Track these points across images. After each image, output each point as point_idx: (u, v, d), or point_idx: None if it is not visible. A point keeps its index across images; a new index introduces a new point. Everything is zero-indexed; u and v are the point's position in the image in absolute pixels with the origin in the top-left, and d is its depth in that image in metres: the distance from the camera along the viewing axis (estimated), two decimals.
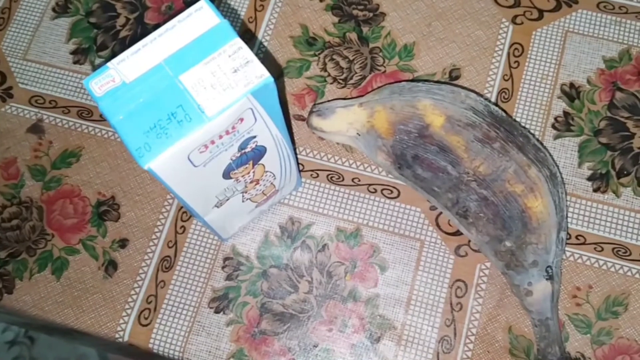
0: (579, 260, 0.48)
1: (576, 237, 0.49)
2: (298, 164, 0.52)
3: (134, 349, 0.49)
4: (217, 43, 0.33)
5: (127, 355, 0.68)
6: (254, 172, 0.42)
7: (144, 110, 0.32)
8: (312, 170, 0.52)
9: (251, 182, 0.43)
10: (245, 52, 0.33)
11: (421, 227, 0.50)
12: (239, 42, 0.33)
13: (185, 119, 0.31)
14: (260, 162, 0.41)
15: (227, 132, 0.34)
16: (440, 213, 0.50)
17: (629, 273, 0.48)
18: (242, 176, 0.41)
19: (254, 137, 0.37)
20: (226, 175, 0.39)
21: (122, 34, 0.56)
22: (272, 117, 0.36)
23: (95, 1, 0.57)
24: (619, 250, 0.48)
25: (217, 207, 0.42)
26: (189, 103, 0.32)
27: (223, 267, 0.49)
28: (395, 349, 0.47)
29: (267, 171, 0.43)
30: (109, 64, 0.33)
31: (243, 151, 0.38)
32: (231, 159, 0.38)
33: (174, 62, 0.32)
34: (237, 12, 0.56)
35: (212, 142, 0.34)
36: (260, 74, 0.32)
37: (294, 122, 0.53)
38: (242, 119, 0.34)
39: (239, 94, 0.32)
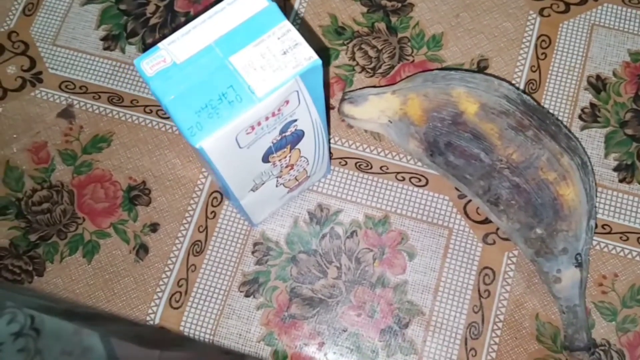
0: (605, 249, 0.49)
1: (602, 227, 0.49)
2: (330, 151, 0.52)
3: (165, 332, 0.49)
4: (266, 25, 0.33)
5: (137, 343, 0.69)
6: (290, 156, 0.42)
7: (195, 91, 0.32)
8: (340, 158, 0.52)
9: (286, 166, 0.43)
10: (294, 34, 0.33)
11: (449, 215, 0.50)
12: (287, 24, 0.33)
13: (237, 99, 0.32)
14: (297, 146, 0.42)
15: (274, 114, 0.34)
16: (469, 201, 0.50)
17: None
18: (279, 160, 0.41)
19: (295, 120, 0.38)
20: (265, 158, 0.40)
21: (152, 21, 0.57)
22: (314, 101, 0.37)
23: None
24: None
25: (253, 190, 0.43)
26: (240, 84, 0.32)
27: (253, 252, 0.50)
28: (423, 334, 0.47)
29: (302, 156, 0.44)
30: (159, 44, 0.33)
31: (283, 134, 0.38)
32: (272, 143, 0.38)
33: (224, 44, 0.33)
34: None
35: (259, 124, 0.34)
36: (309, 56, 0.33)
37: None
38: (288, 101, 0.34)
39: (289, 75, 0.32)
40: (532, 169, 0.43)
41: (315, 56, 0.33)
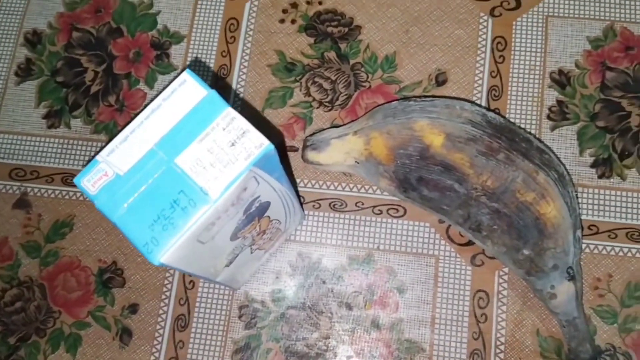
0: (595, 251, 0.48)
1: (589, 228, 0.48)
2: (299, 197, 0.50)
3: None
4: (209, 116, 0.31)
5: None
6: (259, 225, 0.40)
7: (144, 202, 0.30)
8: (313, 201, 0.50)
9: (258, 234, 0.41)
10: (240, 121, 0.31)
11: (433, 242, 0.49)
12: (231, 112, 0.31)
13: (190, 205, 0.30)
14: (265, 215, 0.40)
15: (232, 204, 0.32)
16: (450, 225, 0.49)
17: None
18: (249, 232, 0.39)
19: (258, 197, 0.36)
20: (234, 237, 0.38)
21: (93, 89, 0.54)
22: (275, 177, 0.35)
23: (59, 58, 0.55)
24: (633, 234, 0.48)
25: (227, 266, 0.41)
26: (190, 187, 0.30)
27: (240, 317, 0.48)
28: None
29: (272, 220, 0.42)
30: (98, 157, 0.31)
31: (248, 212, 0.36)
32: (237, 223, 0.36)
33: (166, 145, 0.31)
34: (208, 48, 0.54)
35: (219, 218, 0.32)
36: (260, 143, 0.31)
37: (288, 154, 0.51)
38: (245, 188, 0.32)
39: (241, 168, 0.30)
40: (508, 192, 0.42)
41: (266, 142, 0.31)
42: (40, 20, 0.56)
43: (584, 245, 0.48)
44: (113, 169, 0.31)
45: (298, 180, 0.51)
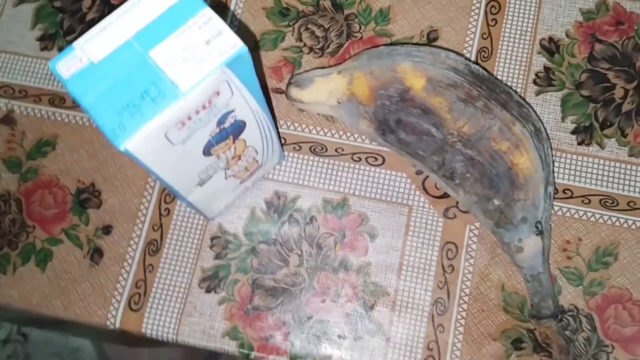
0: (567, 214, 0.48)
1: (563, 191, 0.49)
2: (280, 137, 0.51)
3: (128, 335, 0.48)
4: (186, 15, 0.32)
5: (122, 343, 0.68)
6: (235, 147, 0.41)
7: (115, 90, 0.31)
8: (294, 143, 0.51)
9: (233, 158, 0.42)
10: (217, 22, 0.32)
11: (408, 193, 0.49)
12: (209, 12, 0.32)
13: (159, 96, 0.30)
14: (240, 137, 0.40)
15: (204, 107, 0.33)
16: (427, 177, 0.49)
17: (617, 223, 0.48)
18: (223, 152, 0.40)
19: (232, 111, 0.36)
20: (207, 152, 0.38)
21: (89, 16, 0.54)
22: (249, 89, 0.35)
23: None
24: (607, 201, 0.48)
25: (200, 185, 0.42)
26: (162, 79, 0.31)
27: (211, 247, 0.49)
28: (389, 314, 0.47)
29: (248, 146, 0.42)
30: (74, 44, 0.31)
31: (222, 126, 0.37)
32: (210, 136, 0.37)
33: (143, 38, 0.31)
34: None
35: (189, 119, 0.33)
36: (234, 44, 0.31)
37: (272, 96, 0.52)
38: (218, 93, 0.33)
39: (213, 66, 0.31)
40: (484, 140, 0.42)
41: (240, 43, 0.31)
42: None
43: (557, 208, 0.48)
44: (88, 56, 0.31)
45: (282, 122, 0.51)
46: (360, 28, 0.53)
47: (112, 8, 0.54)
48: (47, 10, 0.55)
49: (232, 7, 0.54)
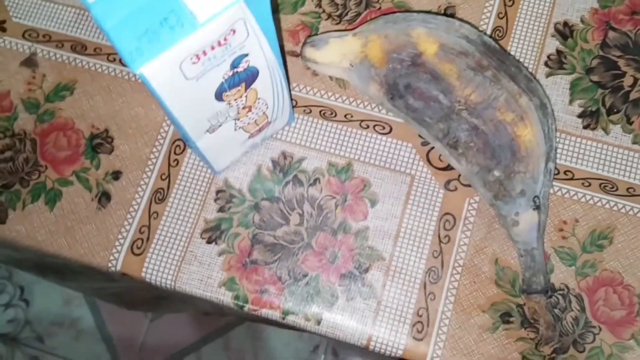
0: (567, 195, 0.49)
1: (564, 173, 0.49)
2: (291, 97, 0.52)
3: (127, 278, 0.49)
4: None
5: (120, 302, 0.69)
6: (246, 96, 0.42)
7: (136, 16, 0.32)
8: (305, 106, 0.52)
9: (244, 108, 0.43)
10: None
11: (412, 162, 0.50)
12: None
13: (178, 25, 0.32)
14: (252, 86, 0.41)
15: (220, 43, 0.34)
16: (432, 148, 0.50)
17: (614, 208, 0.48)
18: (235, 100, 0.41)
19: (247, 55, 0.37)
20: (218, 96, 0.39)
21: None
22: (264, 33, 0.36)
23: None
24: (606, 186, 0.49)
25: (210, 132, 0.43)
26: (182, 8, 0.32)
27: (215, 200, 0.50)
28: (383, 278, 0.48)
29: (259, 98, 0.43)
30: None
31: (235, 70, 0.38)
32: (223, 78, 0.38)
33: None
34: None
35: (204, 53, 0.34)
36: None
37: (288, 59, 0.53)
38: (234, 31, 0.34)
39: (231, 0, 0.32)
40: (490, 109, 0.43)
41: None
42: None
43: (556, 188, 0.49)
44: None
45: (294, 85, 0.52)
46: None
47: None
48: None
49: None
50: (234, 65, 0.37)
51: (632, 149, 0.49)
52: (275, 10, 0.54)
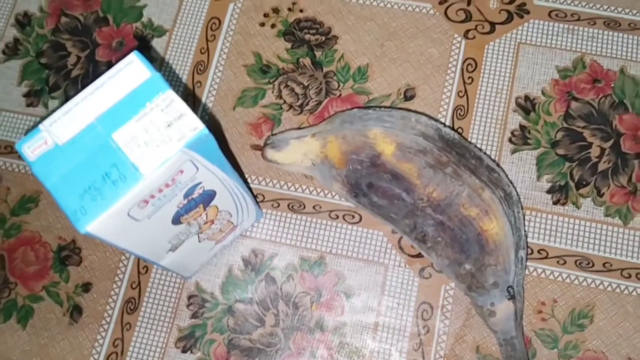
0: (542, 275, 0.48)
1: (538, 252, 0.49)
2: (254, 197, 0.51)
3: None
4: (149, 97, 0.32)
5: None
6: (206, 214, 0.41)
7: (77, 172, 0.31)
8: (273, 200, 0.51)
9: (205, 223, 0.42)
10: (178, 104, 0.32)
11: (384, 251, 0.50)
12: (171, 94, 0.32)
13: (120, 179, 0.31)
14: (211, 204, 0.41)
15: (167, 185, 0.33)
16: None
17: (592, 285, 0.48)
18: (194, 219, 0.41)
19: (200, 183, 0.37)
20: (176, 221, 0.39)
21: (74, 73, 0.55)
22: (215, 164, 0.36)
23: (45, 41, 0.57)
24: (582, 262, 0.48)
25: (172, 251, 0.42)
26: (123, 162, 0.31)
27: (188, 305, 0.49)
28: None
29: (221, 210, 0.43)
30: (40, 126, 0.32)
31: (190, 197, 0.37)
32: (178, 207, 0.37)
33: (106, 121, 0.32)
34: (188, 44, 0.56)
35: (152, 197, 0.33)
36: (194, 126, 0.32)
37: (252, 152, 0.53)
38: (181, 171, 0.34)
39: (174, 149, 0.32)
40: (453, 206, 0.42)
41: (200, 126, 0.32)
42: (33, 3, 0.58)
43: (531, 268, 0.48)
44: (53, 139, 0.32)
45: (260, 179, 0.52)
46: (339, 85, 0.54)
47: (96, 65, 0.55)
48: (33, 67, 0.56)
49: (213, 65, 0.55)
50: (188, 194, 0.37)
51: (604, 222, 0.49)
52: (236, 104, 0.54)
